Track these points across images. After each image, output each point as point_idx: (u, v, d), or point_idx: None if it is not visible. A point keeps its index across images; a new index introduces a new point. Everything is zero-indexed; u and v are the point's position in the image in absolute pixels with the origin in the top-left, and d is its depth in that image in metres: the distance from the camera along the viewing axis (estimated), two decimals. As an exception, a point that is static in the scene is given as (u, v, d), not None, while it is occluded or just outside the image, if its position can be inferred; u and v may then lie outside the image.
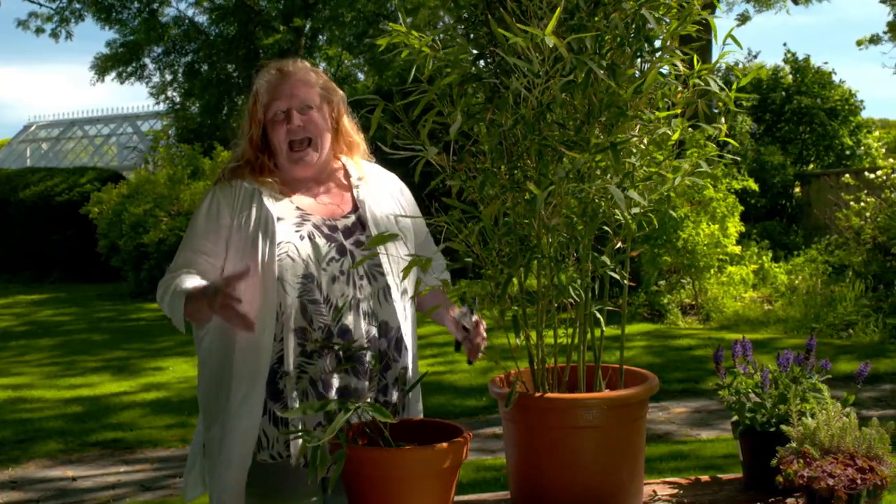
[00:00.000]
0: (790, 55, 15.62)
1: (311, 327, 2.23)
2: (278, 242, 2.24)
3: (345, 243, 2.31)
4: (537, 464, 1.94)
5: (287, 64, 2.38)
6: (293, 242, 2.26)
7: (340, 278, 2.26)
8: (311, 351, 2.23)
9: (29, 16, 19.13)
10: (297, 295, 2.23)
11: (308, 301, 2.23)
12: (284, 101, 2.32)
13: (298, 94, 2.33)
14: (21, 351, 9.61)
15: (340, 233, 2.32)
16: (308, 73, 2.38)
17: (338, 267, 2.27)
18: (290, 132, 2.32)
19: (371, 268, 2.31)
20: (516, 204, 1.92)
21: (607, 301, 2.05)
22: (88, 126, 22.85)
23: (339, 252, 2.29)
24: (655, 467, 4.94)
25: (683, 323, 9.71)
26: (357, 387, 2.24)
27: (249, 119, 2.37)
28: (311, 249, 2.26)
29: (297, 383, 2.22)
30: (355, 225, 2.35)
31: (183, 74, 18.75)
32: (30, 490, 5.17)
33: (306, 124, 2.32)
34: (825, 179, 13.11)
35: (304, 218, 2.31)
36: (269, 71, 2.38)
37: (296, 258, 2.24)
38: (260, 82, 2.36)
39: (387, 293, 2.31)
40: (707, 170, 2.02)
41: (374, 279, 2.31)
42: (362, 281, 2.29)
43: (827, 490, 1.84)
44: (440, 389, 6.97)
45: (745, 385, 2.17)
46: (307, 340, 2.22)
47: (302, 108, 2.33)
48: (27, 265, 16.46)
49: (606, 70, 1.83)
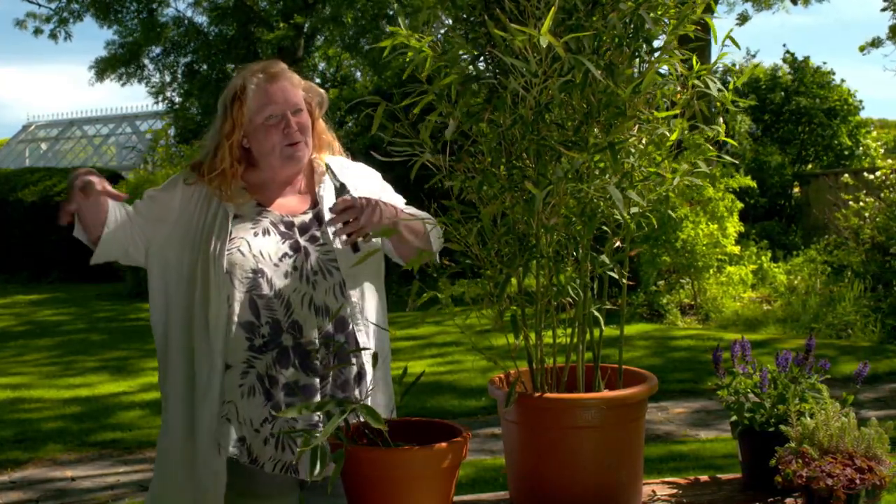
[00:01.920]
0: (789, 55, 15.63)
1: (258, 321, 2.24)
2: (231, 238, 2.26)
3: (299, 240, 2.32)
4: (536, 464, 1.94)
5: (271, 66, 2.36)
6: (246, 238, 2.28)
7: (293, 274, 2.27)
8: (258, 346, 2.23)
9: (27, 16, 19.13)
10: (246, 290, 2.24)
11: (256, 296, 2.24)
12: (280, 106, 2.31)
13: (290, 96, 2.33)
14: (20, 351, 9.60)
15: (297, 229, 2.34)
16: (292, 75, 2.38)
17: (291, 263, 2.28)
18: (287, 136, 2.31)
19: (326, 263, 2.31)
20: (515, 204, 1.92)
21: (606, 301, 2.05)
22: (87, 126, 22.86)
23: (293, 248, 2.30)
24: (655, 467, 4.95)
25: (682, 323, 9.72)
26: (306, 383, 2.24)
27: (231, 123, 2.32)
28: (263, 245, 2.28)
29: (244, 377, 2.23)
30: (312, 221, 2.36)
31: (182, 75, 18.74)
32: (29, 490, 5.17)
33: (300, 126, 2.33)
34: (824, 179, 13.12)
35: (262, 215, 2.33)
36: (255, 74, 2.33)
37: (246, 253, 2.25)
38: (247, 86, 2.31)
39: (342, 288, 2.31)
40: (706, 170, 2.02)
41: (330, 274, 2.31)
42: (316, 276, 2.29)
43: (826, 490, 1.85)
44: (439, 390, 6.97)
45: (744, 385, 2.17)
46: (255, 335, 2.23)
47: (295, 111, 2.33)
48: (26, 265, 16.46)
49: (604, 70, 1.83)
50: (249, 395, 2.23)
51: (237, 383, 2.23)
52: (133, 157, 19.36)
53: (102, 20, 18.17)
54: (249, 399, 2.22)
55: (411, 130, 1.94)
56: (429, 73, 1.92)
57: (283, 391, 2.22)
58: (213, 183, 2.33)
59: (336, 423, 1.74)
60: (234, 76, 2.39)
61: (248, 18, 18.01)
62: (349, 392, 2.29)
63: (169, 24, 18.64)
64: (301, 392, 2.22)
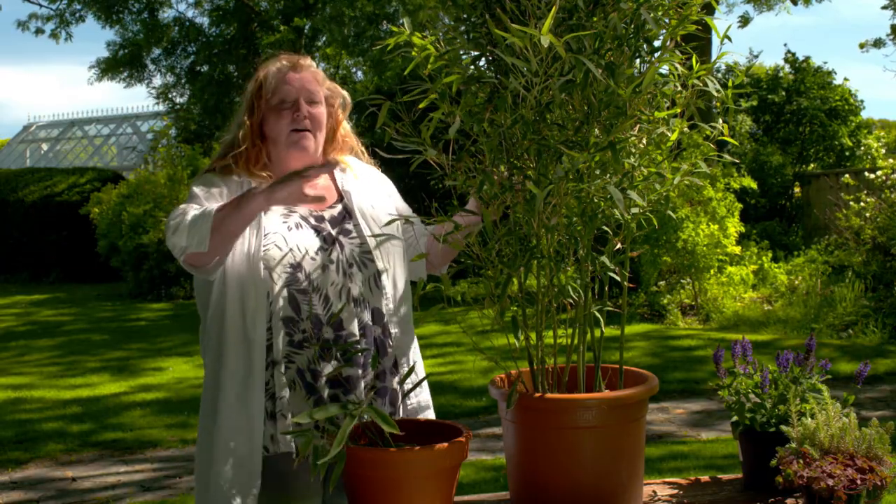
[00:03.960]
0: (790, 55, 15.62)
1: (298, 316, 2.24)
2: (266, 233, 2.25)
3: (332, 232, 2.33)
4: (537, 464, 1.94)
5: (299, 57, 2.41)
6: (280, 233, 2.27)
7: (330, 267, 2.27)
8: (297, 341, 2.23)
9: (29, 17, 19.13)
10: (285, 284, 2.24)
11: (296, 291, 2.24)
12: (295, 91, 2.33)
13: (308, 86, 2.35)
14: (21, 351, 9.61)
15: (328, 223, 2.34)
16: (317, 72, 2.41)
17: (326, 256, 2.28)
18: (294, 120, 2.33)
19: (361, 255, 2.33)
20: (516, 204, 1.92)
21: (607, 301, 2.05)
22: (88, 126, 22.86)
23: (327, 241, 2.30)
24: (655, 467, 4.95)
25: (683, 323, 9.71)
26: (350, 374, 2.25)
27: (251, 104, 2.36)
28: (299, 239, 2.27)
29: (285, 373, 2.23)
30: (341, 214, 2.37)
31: (185, 76, 18.74)
32: (30, 490, 5.17)
33: (311, 117, 2.34)
34: (825, 180, 13.11)
35: (290, 210, 2.33)
36: (280, 60, 2.39)
37: (283, 248, 2.25)
38: (269, 69, 2.37)
39: (377, 279, 2.33)
40: (706, 170, 2.02)
41: (365, 266, 2.32)
42: (352, 269, 2.30)
43: (826, 490, 1.85)
44: (440, 390, 6.97)
45: (745, 385, 2.17)
46: (295, 330, 2.24)
47: (310, 101, 2.35)
48: (26, 265, 16.47)
49: (605, 70, 1.83)
50: (291, 390, 2.23)
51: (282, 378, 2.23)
52: (134, 158, 19.36)
53: (104, 20, 18.17)
54: (291, 394, 2.23)
55: (413, 130, 1.94)
56: (430, 72, 1.92)
57: (327, 384, 2.23)
58: (238, 163, 2.33)
59: (348, 427, 1.74)
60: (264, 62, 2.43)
61: (248, 19, 18.02)
62: (386, 382, 2.32)
63: (170, 24, 18.64)
64: (344, 383, 2.23)
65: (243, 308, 2.22)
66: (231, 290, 2.23)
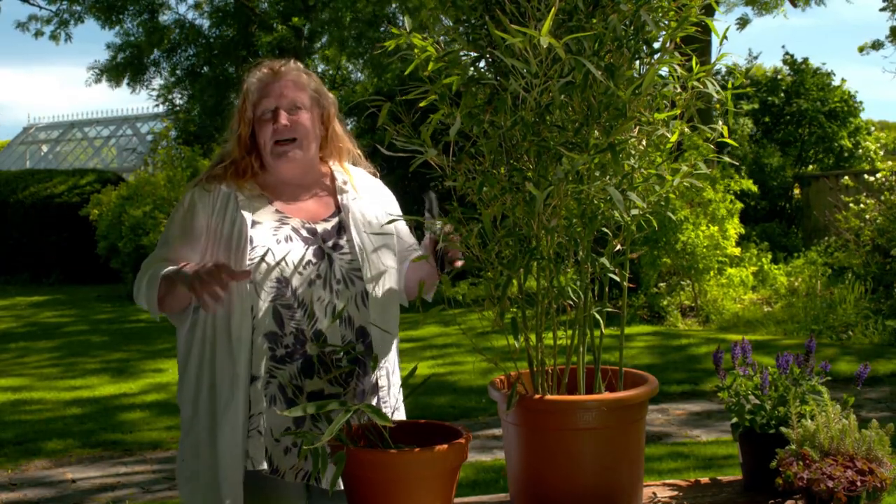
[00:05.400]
0: (789, 57, 15.63)
1: (281, 331, 2.21)
2: (253, 246, 2.23)
3: (323, 247, 2.29)
4: (537, 465, 1.94)
5: (279, 64, 2.37)
6: (268, 246, 2.24)
7: (317, 282, 2.25)
8: (280, 356, 2.21)
9: (29, 18, 19.12)
10: (270, 299, 2.21)
11: (280, 305, 2.21)
12: (273, 100, 2.31)
13: (288, 94, 2.32)
14: (21, 353, 9.60)
15: (320, 236, 2.31)
16: (300, 75, 2.37)
17: (314, 270, 2.25)
18: (276, 131, 2.30)
19: (349, 272, 2.29)
20: (515, 205, 1.92)
21: (607, 303, 2.05)
22: (88, 128, 22.85)
23: (317, 255, 2.27)
24: (655, 469, 4.95)
25: (683, 325, 9.72)
26: (331, 392, 2.22)
27: (239, 117, 2.35)
28: (287, 252, 2.24)
29: (266, 388, 2.20)
30: (335, 228, 2.34)
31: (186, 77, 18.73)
32: (30, 492, 5.17)
33: (293, 124, 2.31)
34: (824, 181, 13.12)
35: (282, 221, 2.30)
36: (260, 69, 2.36)
37: (270, 262, 2.22)
38: (251, 80, 2.35)
39: (364, 298, 2.29)
40: (705, 171, 2.02)
41: (352, 283, 2.29)
42: (339, 285, 2.27)
43: (826, 492, 1.85)
44: (440, 391, 6.97)
45: (745, 387, 2.17)
46: (277, 346, 2.21)
47: (291, 109, 2.32)
48: (26, 267, 16.46)
49: (605, 71, 1.84)
50: (270, 405, 2.20)
51: (262, 395, 2.20)
52: (134, 159, 19.35)
53: (104, 22, 18.16)
54: (270, 409, 2.20)
55: (413, 131, 1.94)
56: (430, 74, 1.92)
57: (308, 401, 2.19)
58: (227, 173, 2.32)
59: (340, 422, 1.74)
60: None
61: (248, 20, 18.02)
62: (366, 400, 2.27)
63: (171, 27, 18.64)
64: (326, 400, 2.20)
65: (228, 324, 2.20)
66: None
